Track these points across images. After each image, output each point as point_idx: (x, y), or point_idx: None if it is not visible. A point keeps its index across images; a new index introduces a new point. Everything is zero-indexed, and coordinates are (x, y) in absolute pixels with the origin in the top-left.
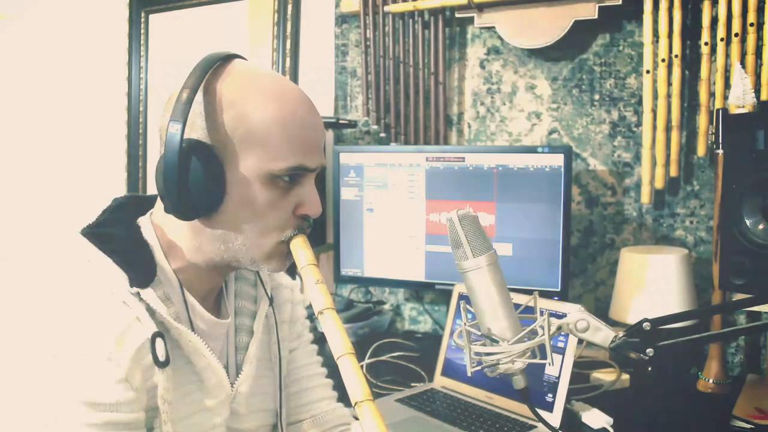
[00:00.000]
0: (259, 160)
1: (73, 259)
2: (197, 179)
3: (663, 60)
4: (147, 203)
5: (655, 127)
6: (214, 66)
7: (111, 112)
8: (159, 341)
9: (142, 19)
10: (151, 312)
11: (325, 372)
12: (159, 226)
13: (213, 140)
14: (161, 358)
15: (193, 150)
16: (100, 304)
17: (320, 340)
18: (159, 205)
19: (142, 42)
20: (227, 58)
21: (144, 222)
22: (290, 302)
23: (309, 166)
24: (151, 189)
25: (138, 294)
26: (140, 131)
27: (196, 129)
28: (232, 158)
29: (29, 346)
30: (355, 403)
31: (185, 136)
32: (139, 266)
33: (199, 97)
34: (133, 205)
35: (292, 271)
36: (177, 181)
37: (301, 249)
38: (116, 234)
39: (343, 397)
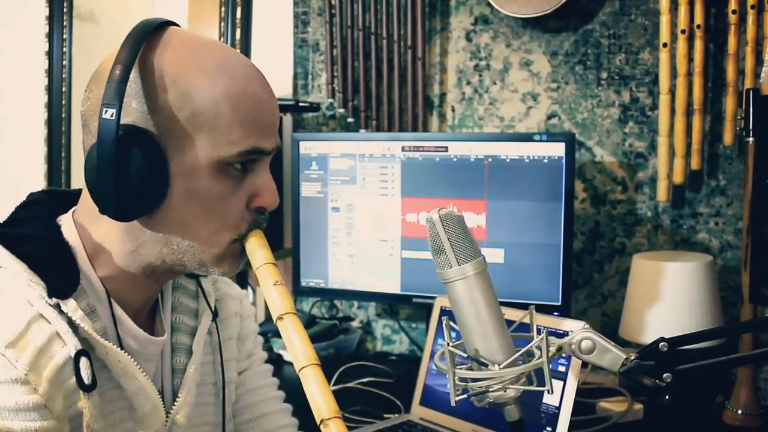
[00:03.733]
0: (208, 146)
1: None
2: (137, 173)
3: (683, 31)
4: (68, 199)
5: (673, 111)
6: (148, 36)
7: (27, 94)
8: (84, 361)
9: None
10: (73, 327)
11: (283, 396)
12: (83, 225)
13: (153, 125)
14: (87, 380)
15: (130, 139)
16: (12, 318)
17: (275, 362)
18: (84, 201)
19: (65, 9)
20: (161, 26)
21: (65, 221)
22: (239, 316)
23: (265, 148)
24: (76, 184)
25: (58, 305)
26: (63, 116)
27: (132, 112)
28: (175, 145)
29: None
30: (321, 422)
31: (120, 122)
32: (59, 273)
33: (134, 74)
34: (52, 201)
35: (242, 281)
36: (114, 176)
37: (257, 247)
38: (32, 235)
39: (307, 421)
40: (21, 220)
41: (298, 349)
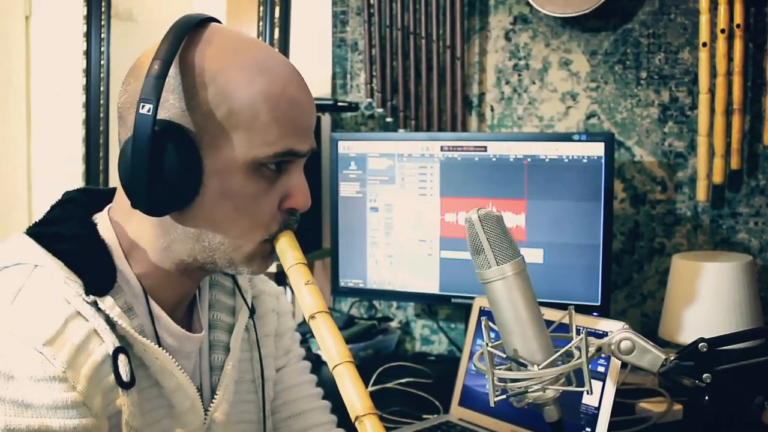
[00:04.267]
0: (243, 146)
1: (18, 263)
2: (171, 169)
3: (722, 31)
4: (103, 197)
5: (713, 111)
6: (189, 32)
7: (65, 94)
8: (122, 358)
9: None
10: (111, 324)
11: (321, 393)
12: (118, 223)
13: (189, 122)
14: (125, 377)
15: (166, 134)
16: (50, 316)
17: (314, 362)
18: (118, 198)
19: (103, 9)
20: (202, 23)
21: (100, 219)
22: (275, 312)
23: (300, 150)
24: (114, 183)
25: (95, 303)
26: (101, 115)
27: (169, 108)
28: (210, 143)
29: None
30: (356, 418)
31: (157, 117)
32: (96, 271)
33: (174, 70)
34: (87, 199)
35: (279, 277)
36: (148, 171)
37: (288, 247)
38: (68, 233)
39: (343, 420)
40: (57, 218)
41: (331, 347)
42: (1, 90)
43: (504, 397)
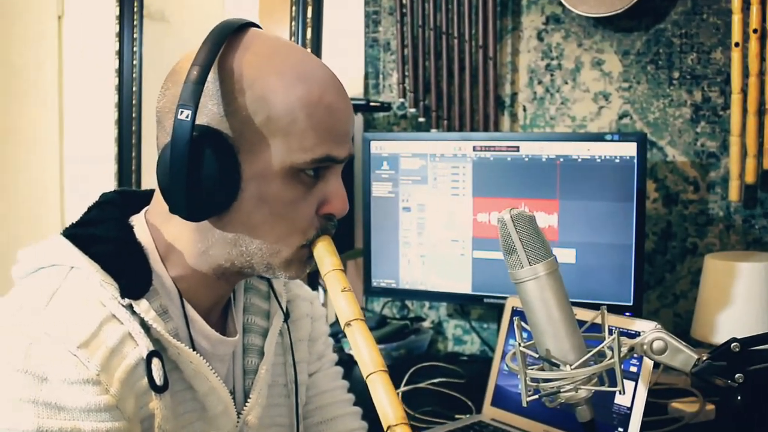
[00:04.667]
0: (281, 152)
1: (53, 264)
2: (209, 174)
3: (755, 30)
4: (140, 199)
5: (745, 111)
6: (228, 38)
7: (98, 94)
8: (156, 361)
9: None
10: (146, 327)
11: (352, 399)
12: (155, 226)
13: (228, 127)
14: (159, 381)
15: (205, 140)
16: (85, 318)
17: (346, 363)
18: (156, 201)
19: (135, 9)
20: (242, 28)
21: (137, 221)
22: (309, 317)
23: (337, 156)
24: (146, 184)
25: (130, 306)
26: (133, 115)
27: (207, 113)
28: (248, 148)
29: (2, 368)
30: (388, 428)
31: (195, 122)
32: (132, 273)
33: (212, 75)
34: (124, 201)
35: (313, 282)
36: (186, 175)
37: (325, 253)
38: (104, 235)
39: (373, 428)
40: (94, 220)
41: (365, 355)
42: (34, 90)
43: (536, 397)
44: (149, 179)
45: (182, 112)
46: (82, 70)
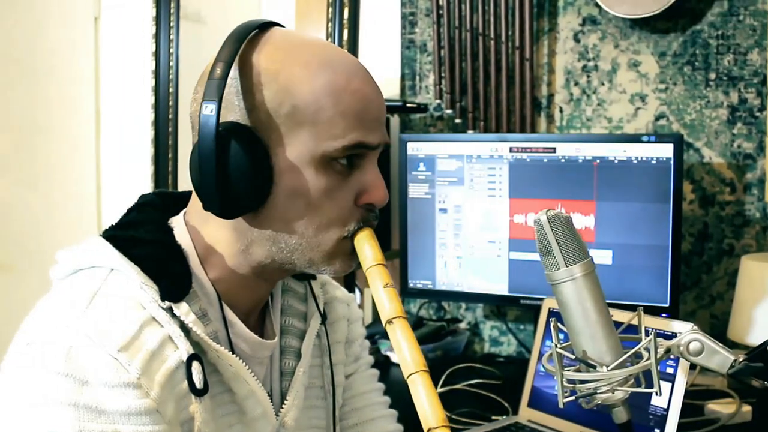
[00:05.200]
0: (311, 141)
1: (94, 266)
2: (239, 169)
3: None
4: (179, 201)
5: None
6: (250, 36)
7: (135, 95)
8: (196, 365)
9: None
10: (186, 331)
11: (388, 401)
12: (194, 227)
13: (254, 121)
14: (199, 384)
15: (231, 134)
16: (125, 321)
17: (382, 364)
18: (194, 203)
19: (171, 10)
20: (264, 26)
21: (177, 223)
22: (346, 319)
23: (370, 143)
24: (183, 185)
25: (170, 309)
26: (170, 117)
27: (234, 110)
28: (278, 141)
29: (43, 372)
30: (428, 430)
31: (222, 119)
32: (172, 276)
33: (235, 72)
34: (164, 203)
35: (350, 283)
36: (215, 172)
37: (367, 246)
38: (144, 237)
39: (410, 430)
40: (133, 222)
41: (407, 354)
42: (71, 91)
43: (573, 398)
44: (186, 181)
45: (207, 107)
46: (118, 72)
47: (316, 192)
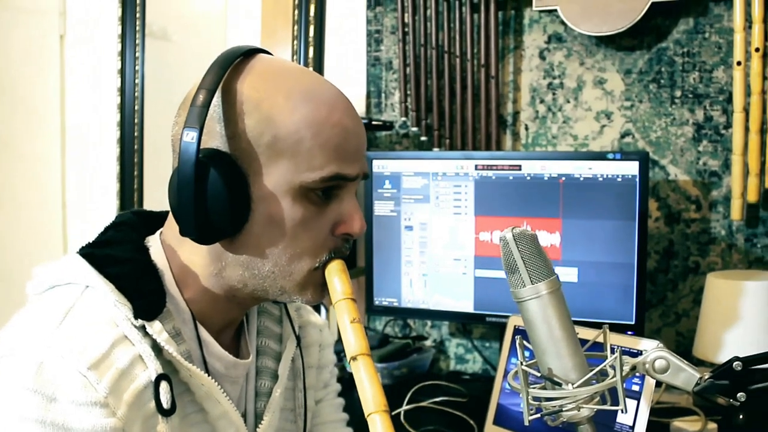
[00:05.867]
0: (289, 171)
1: (69, 282)
2: (217, 197)
3: (757, 49)
4: (156, 220)
5: (747, 129)
6: (235, 62)
7: (100, 113)
8: (164, 385)
9: (138, 1)
10: (157, 350)
11: None
12: (170, 247)
13: (235, 149)
14: (166, 405)
15: (211, 161)
16: (97, 339)
17: (348, 381)
18: (170, 223)
19: (137, 28)
20: (249, 53)
21: (153, 243)
22: (319, 345)
23: (348, 175)
24: (149, 203)
25: (143, 327)
26: (135, 134)
27: (215, 136)
28: (257, 170)
29: (12, 387)
30: None
31: (202, 146)
32: (146, 295)
33: (218, 99)
34: (141, 222)
35: (319, 304)
36: (194, 198)
37: (337, 278)
38: (120, 256)
39: None
40: (110, 240)
41: (368, 393)
42: (37, 108)
43: (538, 415)
44: (151, 198)
45: (188, 134)
46: (84, 89)
47: (292, 221)
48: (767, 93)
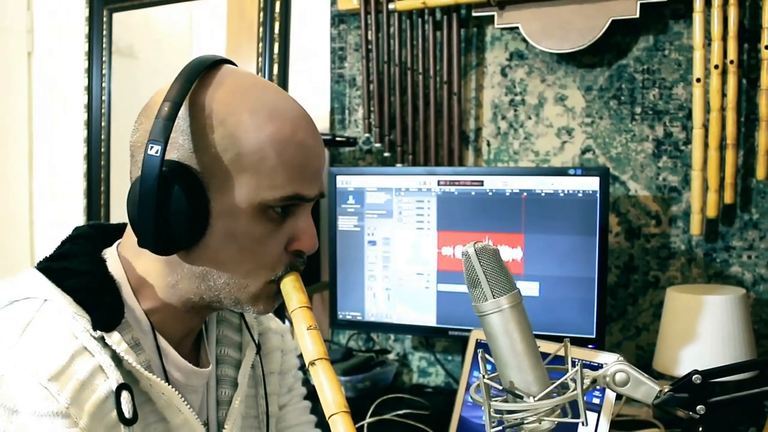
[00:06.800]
0: (250, 188)
1: (27, 297)
2: (177, 211)
3: (716, 66)
4: (114, 233)
5: (706, 146)
6: (201, 74)
7: (67, 129)
8: (125, 394)
9: (105, 19)
10: (117, 360)
11: None
12: (127, 259)
13: (197, 163)
14: (128, 414)
15: (174, 175)
16: (56, 351)
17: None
18: (128, 235)
19: (104, 45)
20: (216, 64)
21: (110, 255)
22: (280, 350)
23: (307, 195)
24: (115, 218)
25: (102, 338)
26: (102, 150)
27: (178, 149)
28: (218, 185)
29: None
30: None
31: (165, 157)
32: (104, 306)
33: (184, 111)
34: (98, 235)
35: (279, 309)
36: (154, 212)
37: (292, 290)
38: (77, 269)
39: None
40: (67, 254)
41: (328, 395)
42: (4, 124)
43: (500, 428)
44: (118, 213)
45: (152, 147)
46: (51, 106)
47: (250, 237)
48: (726, 110)
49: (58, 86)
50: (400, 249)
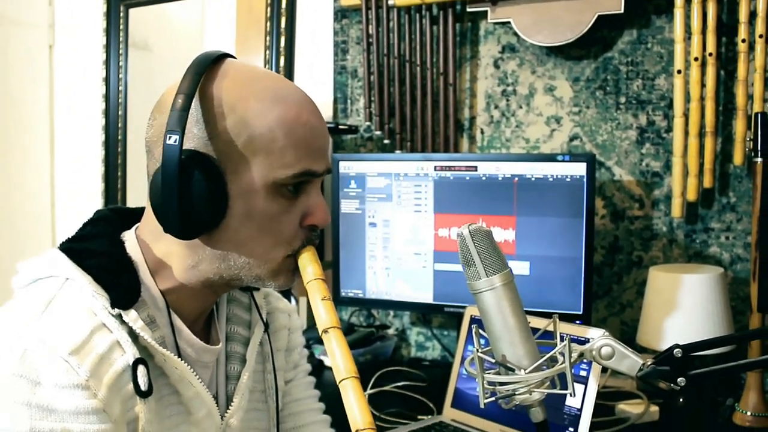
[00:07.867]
0: (264, 169)
1: (50, 276)
2: (199, 195)
3: (696, 59)
4: (132, 217)
5: (687, 133)
6: (208, 68)
7: (86, 118)
8: (141, 368)
9: (121, 14)
10: (134, 336)
11: (323, 407)
12: (145, 242)
13: (213, 150)
14: (143, 387)
15: (193, 162)
16: (77, 327)
17: (316, 368)
18: (147, 219)
19: (121, 39)
20: (219, 59)
21: (128, 237)
22: (287, 329)
23: (316, 171)
24: (131, 200)
25: (120, 316)
26: (119, 137)
27: (193, 138)
28: (233, 168)
29: (2, 371)
30: (356, 431)
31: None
32: (122, 285)
33: (195, 103)
34: (117, 218)
35: (286, 292)
36: (177, 198)
37: (308, 262)
38: (97, 250)
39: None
40: (88, 235)
41: (339, 361)
42: (27, 113)
43: (493, 399)
44: (134, 197)
45: (170, 137)
46: (71, 96)
47: (267, 215)
48: (705, 99)
49: (77, 77)
50: (399, 230)
